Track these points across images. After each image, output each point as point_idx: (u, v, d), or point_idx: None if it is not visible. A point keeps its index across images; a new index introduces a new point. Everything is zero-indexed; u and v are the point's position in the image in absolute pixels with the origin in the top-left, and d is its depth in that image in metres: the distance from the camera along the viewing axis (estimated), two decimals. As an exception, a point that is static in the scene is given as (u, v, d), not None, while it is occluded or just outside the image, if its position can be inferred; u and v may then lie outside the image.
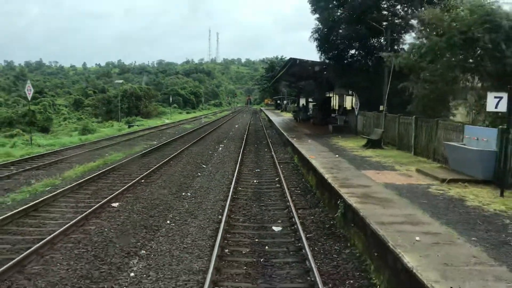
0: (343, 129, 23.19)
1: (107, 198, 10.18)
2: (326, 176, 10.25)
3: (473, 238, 5.74)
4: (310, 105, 39.52)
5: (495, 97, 7.86)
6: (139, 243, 7.34)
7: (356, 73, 20.39)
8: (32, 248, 6.59)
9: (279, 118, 44.36)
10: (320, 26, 21.78)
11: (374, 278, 5.77)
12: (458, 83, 12.63)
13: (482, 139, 9.16)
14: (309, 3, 22.07)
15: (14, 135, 34.09)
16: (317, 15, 21.96)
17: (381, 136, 15.71)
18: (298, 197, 11.00)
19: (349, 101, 29.50)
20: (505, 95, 7.77)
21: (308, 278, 5.83)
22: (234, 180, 12.47)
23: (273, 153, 19.23)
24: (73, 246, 7.07)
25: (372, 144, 15.61)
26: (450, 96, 13.44)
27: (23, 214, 8.85)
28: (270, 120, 44.86)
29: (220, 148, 22.00)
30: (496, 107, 7.91)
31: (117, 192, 10.82)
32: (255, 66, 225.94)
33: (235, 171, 14.16)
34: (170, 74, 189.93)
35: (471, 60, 12.18)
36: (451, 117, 14.25)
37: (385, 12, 20.74)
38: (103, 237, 7.53)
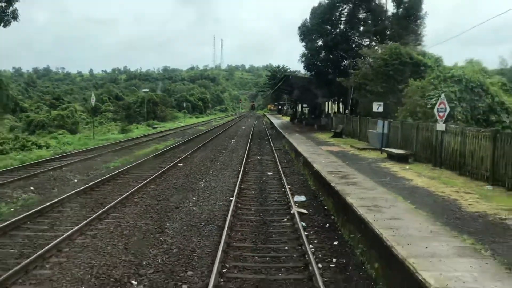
0: (324, 127, 31.23)
1: (175, 161, 18.24)
2: (299, 149, 18.25)
3: (347, 162, 13.75)
4: (306, 110, 47.66)
5: (377, 104, 15.85)
6: (200, 177, 15.33)
7: (331, 87, 28.45)
8: (161, 171, 14.67)
9: (279, 121, 52.49)
10: (306, 51, 29.98)
11: (306, 174, 13.75)
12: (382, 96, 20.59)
13: (381, 127, 17.13)
14: (298, 35, 30.32)
15: (60, 134, 42.36)
16: (304, 44, 30.20)
17: (342, 129, 23.79)
18: (283, 163, 18.95)
19: (333, 107, 37.60)
20: (382, 104, 15.76)
21: (283, 189, 13.82)
22: (245, 158, 20.38)
23: (271, 143, 27.24)
24: (173, 173, 15.14)
25: (336, 134, 23.69)
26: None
27: (141, 162, 16.96)
28: (271, 123, 52.96)
29: (232, 141, 30.05)
30: (377, 109, 15.91)
31: (178, 160, 18.87)
32: (259, 72, 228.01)
33: (245, 153, 22.08)
34: (176, 80, 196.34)
35: (384, 84, 20.04)
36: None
37: (352, 43, 28.81)
38: (183, 174, 15.58)
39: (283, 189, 12.87)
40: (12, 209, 10.73)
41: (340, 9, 28.71)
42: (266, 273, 6.61)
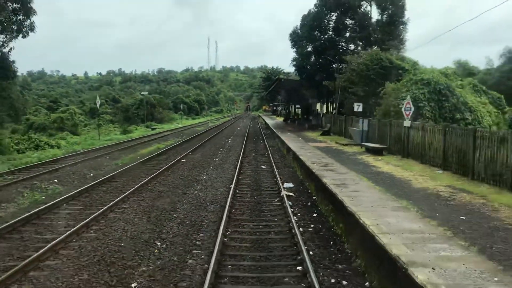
0: (314, 126, 33.40)
1: (178, 158, 20.29)
2: (290, 146, 20.37)
3: (329, 155, 15.87)
4: (298, 110, 49.87)
5: (357, 104, 18.02)
6: (202, 171, 17.40)
7: (320, 89, 30.64)
8: (166, 166, 16.71)
9: (273, 121, 54.62)
10: (297, 56, 32.18)
11: (295, 167, 15.87)
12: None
13: (361, 125, 19.30)
14: (290, 41, 32.51)
15: (67, 135, 44.18)
16: (295, 49, 32.40)
17: (329, 128, 25.98)
18: (276, 158, 21.05)
19: (322, 107, 39.86)
20: (361, 104, 17.92)
21: (275, 178, 15.93)
22: (241, 154, 22.45)
23: (266, 142, 29.35)
24: (178, 167, 17.20)
25: (324, 133, 25.85)
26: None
27: (147, 159, 18.98)
28: (266, 123, 55.10)
29: (229, 141, 32.12)
30: (357, 109, 18.07)
31: (180, 156, 20.92)
32: (254, 73, 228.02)
33: (241, 151, 24.15)
34: (171, 82, 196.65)
35: (366, 87, 22.23)
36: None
37: (339, 48, 31.05)
38: (187, 168, 17.64)
39: (274, 179, 14.99)
40: (44, 197, 12.73)
41: (327, 16, 30.96)
42: (260, 234, 8.72)
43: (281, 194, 12.02)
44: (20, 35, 20.20)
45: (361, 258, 6.64)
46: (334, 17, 30.91)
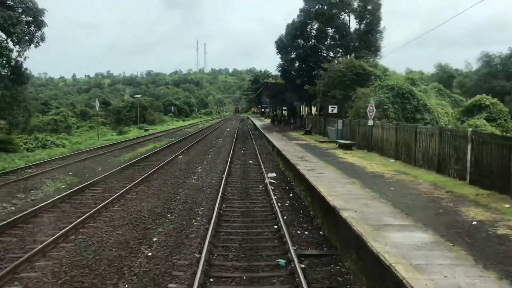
0: (299, 127, 36.16)
1: (175, 155, 22.77)
2: (275, 143, 23.02)
3: (307, 150, 18.56)
4: (285, 112, 52.64)
5: (332, 107, 20.77)
6: (197, 165, 19.94)
7: (303, 93, 33.40)
8: (166, 161, 19.20)
9: (261, 123, 57.34)
10: (282, 62, 34.94)
11: (278, 161, 18.52)
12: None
13: (336, 125, 22.05)
14: (276, 48, 35.28)
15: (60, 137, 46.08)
16: (280, 55, 35.19)
17: (311, 128, 28.72)
18: (263, 155, 23.66)
19: (306, 110, 42.71)
20: (336, 106, 20.67)
21: (261, 170, 18.55)
22: (231, 152, 25.02)
23: (254, 141, 31.97)
24: (176, 162, 19.70)
25: (306, 132, 28.59)
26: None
27: (147, 156, 21.42)
28: (254, 124, 57.78)
29: (220, 140, 34.67)
30: (332, 111, 20.81)
31: (177, 153, 23.40)
32: (242, 75, 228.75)
33: (231, 149, 26.72)
34: (160, 84, 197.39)
35: (342, 91, 25.03)
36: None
37: (321, 55, 33.92)
38: (184, 162, 20.17)
39: (260, 171, 17.61)
40: (64, 186, 15.12)
41: (310, 26, 33.77)
42: (247, 208, 11.32)
43: (265, 181, 14.64)
44: (32, 45, 22.52)
45: (319, 218, 9.30)
46: (315, 26, 33.75)
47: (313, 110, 34.80)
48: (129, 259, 7.42)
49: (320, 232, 8.73)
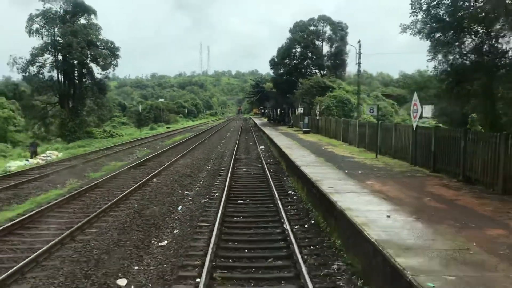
0: (286, 123, 48.73)
1: (202, 140, 35.43)
2: (267, 132, 35.60)
3: (284, 135, 31.18)
4: (280, 112, 65.25)
5: (300, 108, 33.31)
6: (217, 145, 32.56)
7: (291, 99, 45.99)
8: (198, 143, 31.87)
9: (260, 121, 70.01)
10: (274, 76, 47.72)
11: (268, 143, 31.16)
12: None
13: (305, 120, 34.60)
14: (269, 65, 48.09)
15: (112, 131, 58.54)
16: (272, 71, 48.01)
17: (292, 123, 41.40)
18: (258, 139, 36.24)
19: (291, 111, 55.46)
20: (303, 108, 33.21)
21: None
22: (237, 142, 37.45)
23: (253, 133, 44.59)
24: (202, 143, 32.42)
25: (289, 126, 41.24)
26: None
27: (182, 142, 34.11)
28: (255, 123, 70.54)
29: (228, 133, 47.37)
30: (300, 111, 33.33)
31: (203, 139, 36.03)
32: (245, 77, 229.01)
33: (237, 140, 39.15)
34: (166, 87, 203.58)
35: (311, 99, 37.40)
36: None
37: (302, 72, 46.58)
38: (208, 144, 32.86)
39: (255, 146, 30.32)
40: (148, 152, 27.83)
41: (294, 49, 46.50)
42: (250, 183, 23.96)
43: (258, 149, 27.28)
44: (111, 69, 35.55)
45: (278, 158, 21.94)
46: (298, 50, 46.47)
47: (297, 111, 47.48)
48: (202, 168, 20.12)
49: (277, 160, 21.38)
